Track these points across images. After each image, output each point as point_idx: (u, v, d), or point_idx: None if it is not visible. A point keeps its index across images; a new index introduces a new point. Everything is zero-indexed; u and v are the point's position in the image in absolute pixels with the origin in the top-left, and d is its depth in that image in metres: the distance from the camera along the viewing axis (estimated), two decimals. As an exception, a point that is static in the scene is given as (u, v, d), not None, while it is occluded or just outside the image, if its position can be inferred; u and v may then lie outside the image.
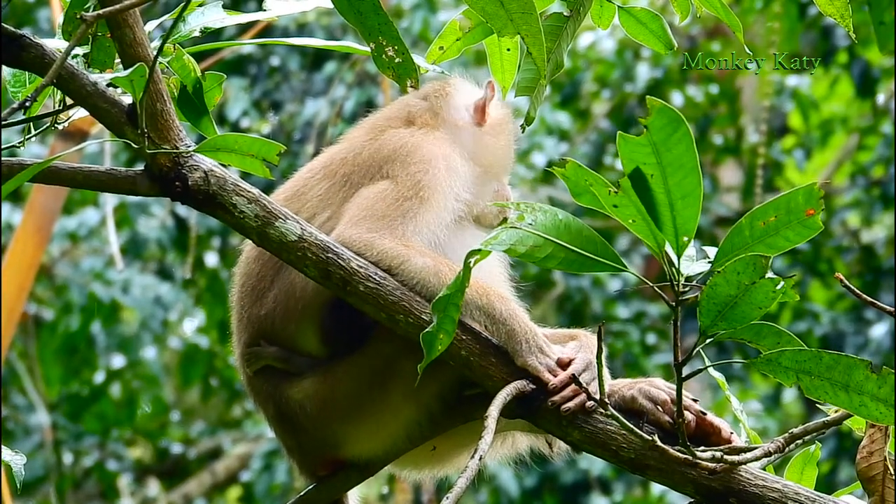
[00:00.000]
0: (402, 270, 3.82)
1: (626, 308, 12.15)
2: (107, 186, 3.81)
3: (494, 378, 3.78)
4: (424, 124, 4.24)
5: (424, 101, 4.31)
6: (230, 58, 10.91)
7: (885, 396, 3.42)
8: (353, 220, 3.94)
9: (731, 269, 3.38)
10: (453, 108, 4.31)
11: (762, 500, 3.66)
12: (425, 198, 4.00)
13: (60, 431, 12.76)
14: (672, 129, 3.33)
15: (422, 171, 4.05)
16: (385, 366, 3.94)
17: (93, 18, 3.43)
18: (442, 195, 4.04)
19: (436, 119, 4.27)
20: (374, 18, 3.68)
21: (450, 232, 4.05)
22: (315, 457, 4.08)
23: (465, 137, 4.25)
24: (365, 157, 4.12)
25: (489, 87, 4.29)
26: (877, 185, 12.24)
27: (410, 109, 4.28)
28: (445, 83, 4.36)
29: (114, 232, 8.67)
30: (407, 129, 4.21)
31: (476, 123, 4.30)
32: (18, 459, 3.73)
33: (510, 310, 3.82)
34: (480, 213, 4.20)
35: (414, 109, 4.28)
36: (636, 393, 3.84)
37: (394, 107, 4.36)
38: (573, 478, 11.36)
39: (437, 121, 4.26)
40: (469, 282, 3.52)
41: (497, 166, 4.29)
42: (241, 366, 4.16)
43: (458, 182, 4.10)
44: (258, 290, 4.09)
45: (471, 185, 4.15)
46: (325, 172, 4.14)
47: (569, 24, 4.01)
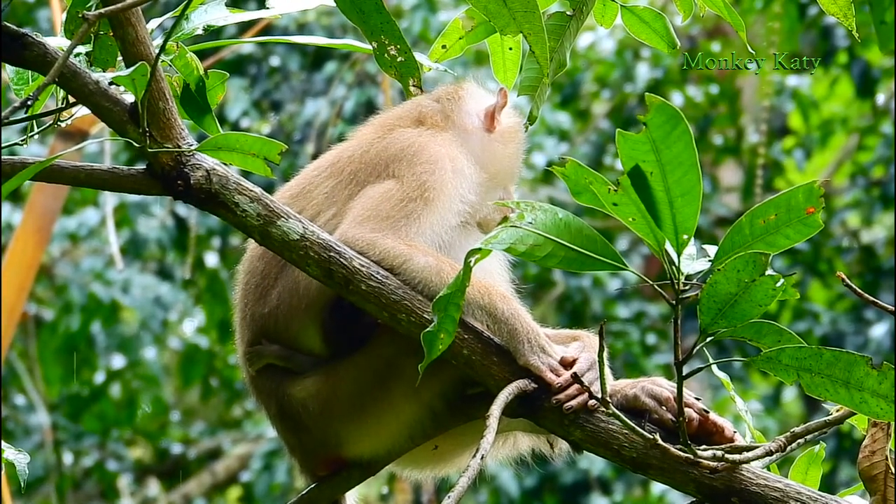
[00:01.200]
0: (404, 270, 3.82)
1: (626, 308, 12.15)
2: (109, 185, 3.82)
3: (496, 377, 3.78)
4: (434, 125, 4.23)
5: (437, 103, 4.31)
6: (230, 58, 10.92)
7: (885, 392, 3.42)
8: (358, 219, 3.94)
9: (731, 267, 3.37)
10: (465, 112, 4.31)
11: (764, 499, 3.66)
12: (430, 199, 4.00)
13: (60, 431, 12.76)
14: (671, 126, 3.33)
15: (428, 171, 4.05)
16: (387, 365, 3.94)
17: (95, 17, 3.43)
18: (447, 197, 4.04)
19: (446, 121, 4.26)
20: (377, 17, 3.68)
21: (454, 234, 4.05)
22: (316, 456, 4.08)
23: (473, 142, 4.25)
24: (372, 155, 4.12)
25: (502, 94, 4.29)
26: (877, 186, 12.24)
27: (422, 110, 4.28)
28: (459, 87, 4.36)
29: (114, 232, 8.66)
30: (416, 129, 4.21)
31: (486, 129, 4.29)
32: (22, 458, 3.72)
33: (512, 309, 3.82)
34: (483, 220, 4.20)
35: (425, 110, 4.28)
36: (639, 392, 3.85)
37: (405, 106, 4.35)
38: (573, 478, 11.36)
39: (447, 123, 4.26)
40: (470, 281, 3.52)
41: (504, 174, 4.29)
42: (244, 364, 4.16)
43: (463, 184, 4.10)
44: (262, 288, 4.09)
45: (476, 189, 4.14)
46: (331, 170, 4.14)
47: (571, 24, 4.02)
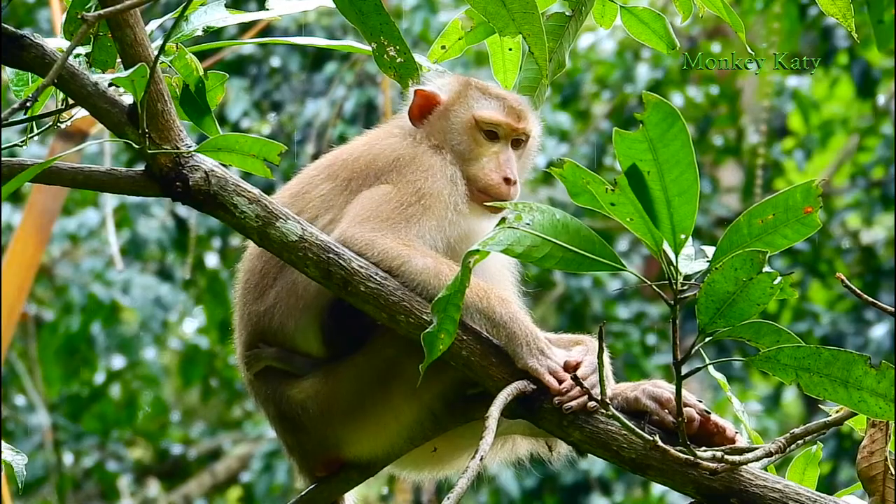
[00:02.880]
0: (402, 271, 3.82)
1: (626, 309, 12.15)
2: (107, 187, 3.82)
3: (495, 378, 3.78)
4: (417, 137, 4.21)
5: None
6: (230, 58, 10.93)
7: (884, 391, 3.42)
8: (357, 219, 3.93)
9: (728, 266, 3.37)
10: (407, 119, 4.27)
11: (763, 500, 3.66)
12: (427, 205, 4.00)
13: (60, 432, 12.77)
14: (668, 124, 3.33)
15: (422, 178, 4.04)
16: (386, 366, 3.94)
17: (94, 19, 3.43)
18: (443, 204, 4.03)
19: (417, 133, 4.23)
20: (376, 18, 3.68)
21: (451, 240, 4.04)
22: (315, 457, 4.08)
23: (435, 141, 4.21)
24: (362, 164, 4.11)
25: (415, 94, 4.21)
26: (877, 186, 12.24)
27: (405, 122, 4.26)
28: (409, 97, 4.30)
29: (113, 233, 8.67)
30: (403, 140, 4.19)
31: (420, 127, 4.23)
32: (20, 459, 3.72)
33: (511, 312, 3.81)
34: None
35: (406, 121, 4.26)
36: (640, 394, 3.85)
37: (397, 115, 4.34)
38: (573, 478, 11.36)
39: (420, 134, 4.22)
40: (469, 282, 3.51)
41: (468, 139, 4.21)
42: (242, 367, 4.16)
43: (457, 191, 4.09)
44: (260, 287, 4.09)
45: (466, 195, 4.12)
46: (327, 173, 4.14)
47: (570, 24, 4.02)
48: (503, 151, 4.20)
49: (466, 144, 4.18)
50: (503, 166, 4.17)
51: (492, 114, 4.20)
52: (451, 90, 4.24)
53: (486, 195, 4.14)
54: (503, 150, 4.20)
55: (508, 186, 4.16)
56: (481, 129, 4.20)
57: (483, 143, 4.19)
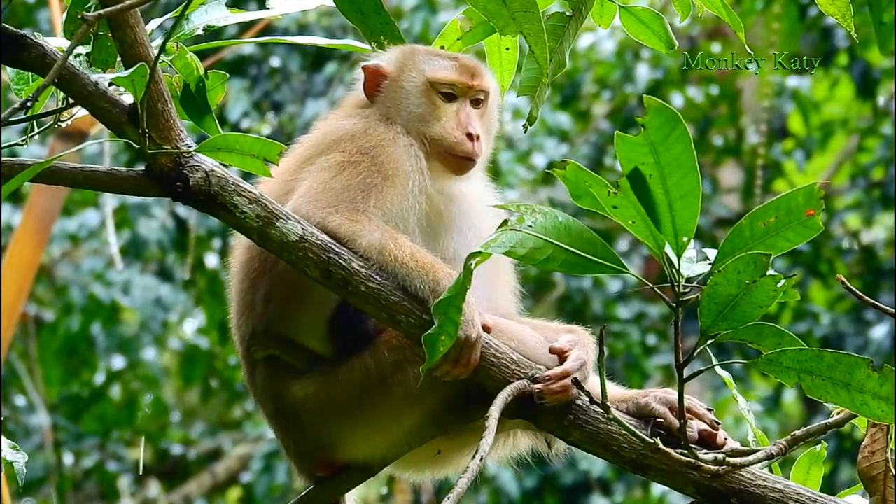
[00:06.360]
0: (352, 249, 3.81)
1: (626, 309, 12.15)
2: (108, 187, 3.81)
3: (495, 378, 3.78)
4: (369, 111, 4.19)
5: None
6: (230, 59, 10.93)
7: (886, 394, 3.42)
8: (311, 193, 3.92)
9: (731, 269, 3.37)
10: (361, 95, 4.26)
11: (763, 500, 3.66)
12: (387, 175, 3.98)
13: (61, 432, 12.76)
14: (670, 128, 3.32)
15: (378, 148, 4.02)
16: (388, 367, 3.93)
17: (94, 18, 3.43)
18: (403, 173, 4.01)
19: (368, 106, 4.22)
20: (376, 18, 3.69)
21: (421, 206, 4.03)
22: (312, 458, 4.07)
23: (388, 113, 4.18)
24: (317, 139, 4.11)
25: (363, 70, 4.22)
26: (877, 187, 12.24)
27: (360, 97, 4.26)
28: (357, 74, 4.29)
29: (114, 233, 8.67)
30: (354, 115, 4.17)
31: (372, 102, 4.22)
32: (20, 457, 3.72)
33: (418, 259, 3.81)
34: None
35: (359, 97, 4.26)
36: (650, 399, 3.88)
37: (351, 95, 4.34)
38: (573, 479, 11.35)
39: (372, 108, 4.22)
40: (470, 284, 3.50)
41: (425, 101, 4.19)
42: (243, 357, 4.14)
43: (415, 157, 4.07)
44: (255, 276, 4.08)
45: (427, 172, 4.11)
46: (290, 154, 4.13)
47: (571, 24, 4.02)
48: (462, 109, 4.18)
49: (425, 107, 4.17)
50: (464, 123, 4.15)
51: (445, 73, 4.19)
52: (396, 61, 4.22)
53: (451, 154, 4.13)
54: (462, 107, 4.19)
55: (472, 142, 4.14)
56: (437, 90, 4.18)
57: (441, 105, 4.17)
